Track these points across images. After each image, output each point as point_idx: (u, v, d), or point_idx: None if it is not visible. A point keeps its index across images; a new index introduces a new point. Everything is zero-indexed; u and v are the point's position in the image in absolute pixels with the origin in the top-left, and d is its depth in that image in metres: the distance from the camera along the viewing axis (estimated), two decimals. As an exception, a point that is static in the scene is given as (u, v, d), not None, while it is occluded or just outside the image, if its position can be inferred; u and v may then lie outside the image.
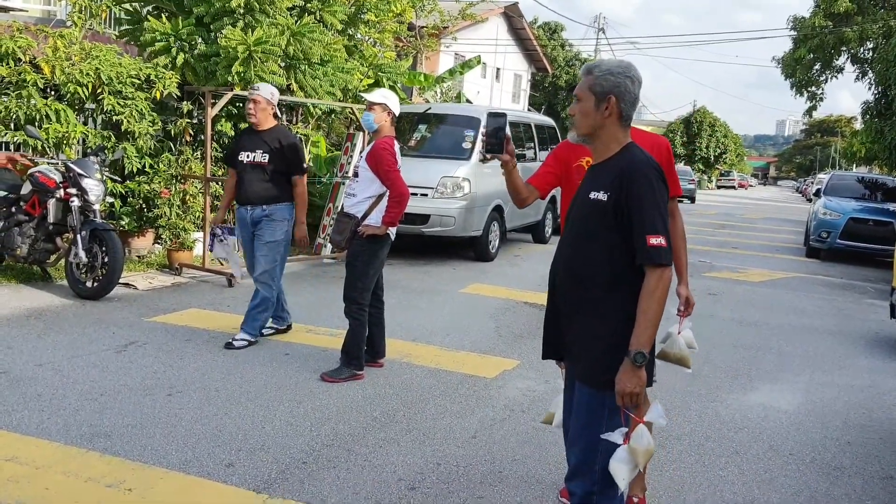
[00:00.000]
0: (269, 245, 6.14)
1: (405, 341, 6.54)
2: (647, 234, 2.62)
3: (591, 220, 2.75)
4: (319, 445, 4.27)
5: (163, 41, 9.19)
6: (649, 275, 2.64)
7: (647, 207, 2.65)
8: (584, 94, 2.78)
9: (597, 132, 2.79)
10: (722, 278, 11.51)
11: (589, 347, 2.75)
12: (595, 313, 2.74)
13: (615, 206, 2.67)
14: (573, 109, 2.83)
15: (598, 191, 2.72)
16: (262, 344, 6.18)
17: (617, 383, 2.63)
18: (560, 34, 47.25)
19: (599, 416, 2.74)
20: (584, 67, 2.83)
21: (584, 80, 2.80)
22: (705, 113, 61.61)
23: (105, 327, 6.42)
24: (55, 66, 8.39)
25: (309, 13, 10.16)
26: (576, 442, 2.84)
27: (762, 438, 4.87)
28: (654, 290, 2.63)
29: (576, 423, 2.84)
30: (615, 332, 2.69)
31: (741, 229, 21.71)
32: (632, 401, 2.62)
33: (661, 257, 2.61)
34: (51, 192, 7.50)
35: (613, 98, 2.75)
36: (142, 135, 8.88)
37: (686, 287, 3.74)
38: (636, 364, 2.60)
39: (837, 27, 30.16)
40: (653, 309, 2.62)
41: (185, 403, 4.78)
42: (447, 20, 19.50)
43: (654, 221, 2.64)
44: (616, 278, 2.71)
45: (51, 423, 4.34)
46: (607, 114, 2.75)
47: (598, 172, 2.80)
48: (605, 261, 2.71)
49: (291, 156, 6.16)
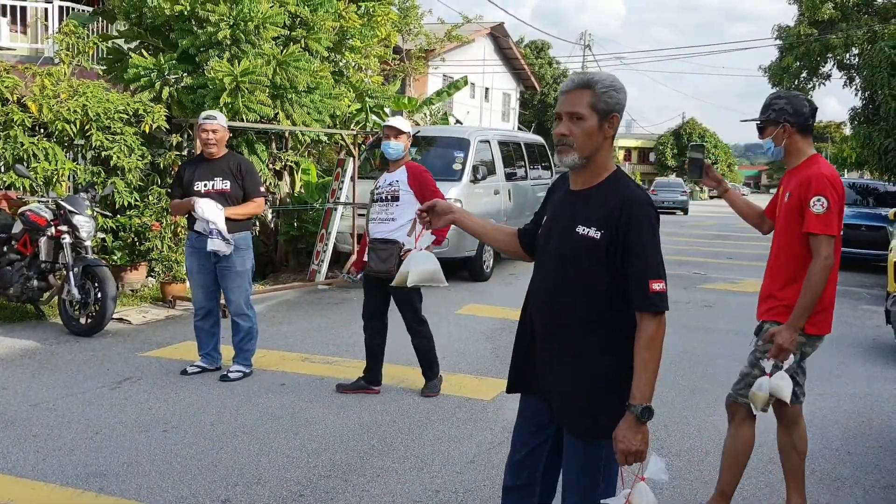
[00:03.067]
0: (239, 274, 6.04)
1: (402, 366, 6.51)
2: (651, 280, 2.42)
3: (576, 256, 2.49)
4: (317, 477, 4.24)
5: (146, 76, 9.22)
6: (648, 322, 2.43)
7: (650, 250, 2.44)
8: (585, 111, 2.46)
9: (592, 156, 2.50)
10: (718, 290, 11.51)
11: (570, 395, 2.55)
12: (572, 354, 2.52)
13: (609, 245, 2.43)
14: (566, 129, 2.48)
15: (589, 226, 2.46)
16: (258, 375, 6.16)
17: (620, 441, 2.40)
18: (547, 52, 47.66)
19: (595, 466, 2.54)
20: (579, 81, 2.50)
21: (581, 96, 2.47)
22: (695, 124, 62.08)
23: (99, 364, 6.39)
24: (42, 104, 8.40)
25: (294, 42, 10.20)
26: (569, 494, 2.61)
27: (761, 451, 4.83)
28: (654, 338, 2.43)
29: (569, 471, 2.61)
30: (595, 377, 2.51)
31: (735, 240, 21.74)
32: (637, 459, 2.41)
33: (663, 304, 2.43)
34: (42, 231, 7.49)
35: (617, 118, 2.51)
36: (131, 169, 8.89)
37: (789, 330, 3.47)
38: (641, 420, 2.39)
39: (823, 34, 30.36)
40: (655, 359, 2.44)
41: (181, 439, 4.75)
42: (434, 42, 19.64)
43: (658, 266, 2.45)
44: (597, 320, 2.49)
45: (46, 465, 4.31)
46: (609, 134, 2.50)
47: (585, 201, 2.53)
48: (588, 301, 2.49)
49: (250, 180, 6.09)
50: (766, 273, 3.78)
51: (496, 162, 12.32)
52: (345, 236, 11.12)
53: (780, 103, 3.62)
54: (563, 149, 2.51)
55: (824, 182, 3.46)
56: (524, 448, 2.75)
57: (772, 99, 3.70)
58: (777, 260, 3.68)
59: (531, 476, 2.75)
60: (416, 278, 2.92)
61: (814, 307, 3.46)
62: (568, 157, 2.50)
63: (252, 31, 9.27)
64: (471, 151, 11.55)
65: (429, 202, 2.86)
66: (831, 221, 3.44)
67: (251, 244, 6.21)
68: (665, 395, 5.93)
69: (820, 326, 3.59)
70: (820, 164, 3.57)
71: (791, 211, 3.57)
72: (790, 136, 3.60)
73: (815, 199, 3.44)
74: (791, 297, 3.53)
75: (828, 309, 3.59)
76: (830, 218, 3.43)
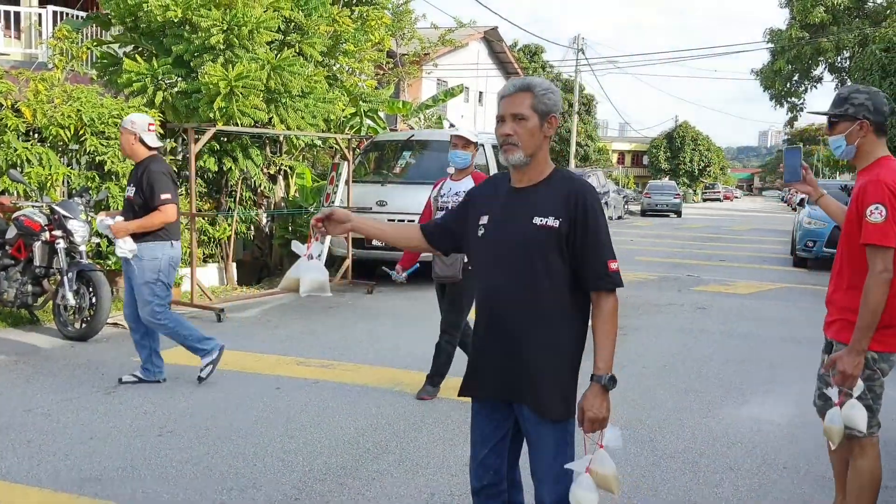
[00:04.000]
0: (143, 285, 5.79)
1: (397, 369, 6.53)
2: (608, 260, 2.62)
3: (537, 246, 2.63)
4: (312, 480, 4.25)
5: (139, 81, 9.22)
6: (607, 298, 2.63)
7: (604, 232, 2.65)
8: (527, 112, 2.64)
9: (535, 153, 2.67)
10: (711, 292, 11.54)
11: (547, 381, 2.65)
12: (548, 344, 2.65)
13: (568, 232, 2.61)
14: (510, 129, 2.65)
15: (546, 216, 2.62)
16: (253, 378, 6.16)
17: (588, 410, 2.58)
18: (540, 56, 47.67)
19: (564, 446, 2.70)
20: (519, 85, 2.68)
21: (522, 98, 2.65)
22: (687, 128, 62.15)
23: (94, 369, 6.38)
24: (36, 109, 8.40)
25: (288, 46, 10.22)
26: (545, 479, 2.71)
27: (756, 452, 4.87)
28: (614, 312, 2.64)
29: (541, 458, 2.71)
30: (565, 358, 2.67)
31: (728, 241, 21.81)
32: (601, 427, 2.60)
33: (620, 281, 2.64)
34: (36, 235, 7.49)
35: (555, 118, 2.69)
36: (125, 174, 8.88)
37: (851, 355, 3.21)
38: (607, 389, 2.60)
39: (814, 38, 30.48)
40: (615, 331, 2.65)
41: (176, 443, 4.75)
42: (427, 47, 19.65)
43: (611, 247, 2.65)
44: (567, 306, 2.66)
45: (40, 470, 4.31)
46: (549, 133, 2.69)
47: (536, 196, 2.69)
48: (556, 288, 2.64)
49: (149, 189, 5.71)
50: (830, 277, 3.56)
51: (490, 165, 12.34)
52: (340, 240, 11.13)
53: (859, 98, 3.32)
54: (509, 148, 2.67)
55: (882, 189, 3.17)
56: (486, 446, 2.82)
57: (850, 92, 3.37)
58: (839, 267, 3.44)
59: (497, 474, 2.83)
60: (307, 287, 2.92)
61: (875, 325, 3.16)
62: (514, 156, 2.67)
63: (246, 36, 9.28)
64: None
65: (326, 210, 2.90)
66: (888, 232, 3.13)
67: (159, 255, 5.81)
68: (658, 397, 5.96)
69: (888, 343, 3.28)
70: (883, 169, 3.27)
71: (851, 218, 3.33)
72: (866, 135, 3.32)
73: (872, 208, 3.16)
74: (852, 304, 3.27)
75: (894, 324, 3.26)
76: (888, 228, 3.13)
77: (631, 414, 5.50)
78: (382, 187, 11.51)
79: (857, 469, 3.42)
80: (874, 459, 3.40)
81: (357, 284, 10.96)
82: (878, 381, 3.34)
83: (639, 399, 5.88)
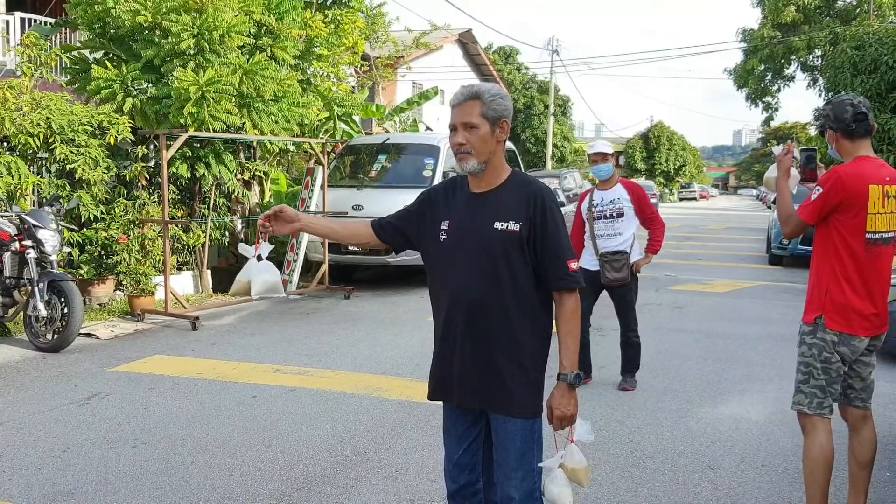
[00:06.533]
0: None
1: (375, 374, 6.49)
2: (568, 260, 2.68)
3: (503, 249, 2.66)
4: (289, 489, 4.19)
5: (108, 87, 9.10)
6: (568, 298, 2.69)
7: (563, 234, 2.70)
8: (478, 120, 2.66)
9: (489, 159, 2.70)
10: (688, 291, 11.59)
11: (514, 381, 2.69)
12: (514, 344, 2.69)
13: (528, 235, 2.65)
14: (463, 138, 2.67)
15: (506, 220, 2.66)
16: (230, 387, 6.09)
17: (556, 408, 2.65)
18: (515, 58, 47.78)
19: (531, 444, 2.74)
20: (467, 93, 2.70)
21: (472, 107, 2.67)
22: (662, 128, 62.46)
23: (67, 380, 6.28)
24: (4, 117, 8.28)
25: (260, 50, 10.14)
26: (513, 474, 2.72)
27: (734, 451, 4.87)
28: (575, 311, 2.70)
29: (508, 457, 2.73)
30: (535, 360, 2.72)
31: (705, 241, 21.94)
32: (569, 423, 2.66)
33: (580, 281, 2.71)
34: (5, 246, 7.37)
35: (506, 123, 2.71)
36: (97, 182, 8.79)
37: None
38: (573, 386, 2.65)
39: (786, 37, 30.78)
40: (577, 329, 2.71)
41: (151, 455, 4.68)
42: (401, 50, 19.60)
43: (570, 247, 2.72)
44: (532, 307, 2.70)
45: (12, 484, 4.22)
46: (501, 138, 2.72)
47: (495, 200, 2.72)
48: (520, 290, 2.67)
49: None
50: None
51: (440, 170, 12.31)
52: (316, 245, 11.07)
53: (825, 110, 3.68)
54: (463, 156, 2.70)
55: (830, 175, 3.51)
56: (459, 447, 2.87)
57: (822, 106, 3.77)
58: None
59: (472, 473, 2.88)
60: (258, 289, 2.92)
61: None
62: (468, 164, 2.70)
63: (217, 41, 9.20)
64: (441, 158, 11.55)
65: (275, 208, 2.86)
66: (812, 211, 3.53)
67: None
68: (637, 397, 5.95)
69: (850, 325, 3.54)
70: (851, 164, 3.57)
71: None
72: (837, 141, 3.64)
73: (816, 187, 3.55)
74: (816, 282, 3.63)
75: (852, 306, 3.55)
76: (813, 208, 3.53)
77: (610, 414, 5.49)
78: (358, 191, 11.45)
79: (807, 446, 3.64)
80: (826, 435, 3.60)
81: (334, 290, 10.89)
82: (835, 365, 3.57)
83: (617, 399, 5.88)
